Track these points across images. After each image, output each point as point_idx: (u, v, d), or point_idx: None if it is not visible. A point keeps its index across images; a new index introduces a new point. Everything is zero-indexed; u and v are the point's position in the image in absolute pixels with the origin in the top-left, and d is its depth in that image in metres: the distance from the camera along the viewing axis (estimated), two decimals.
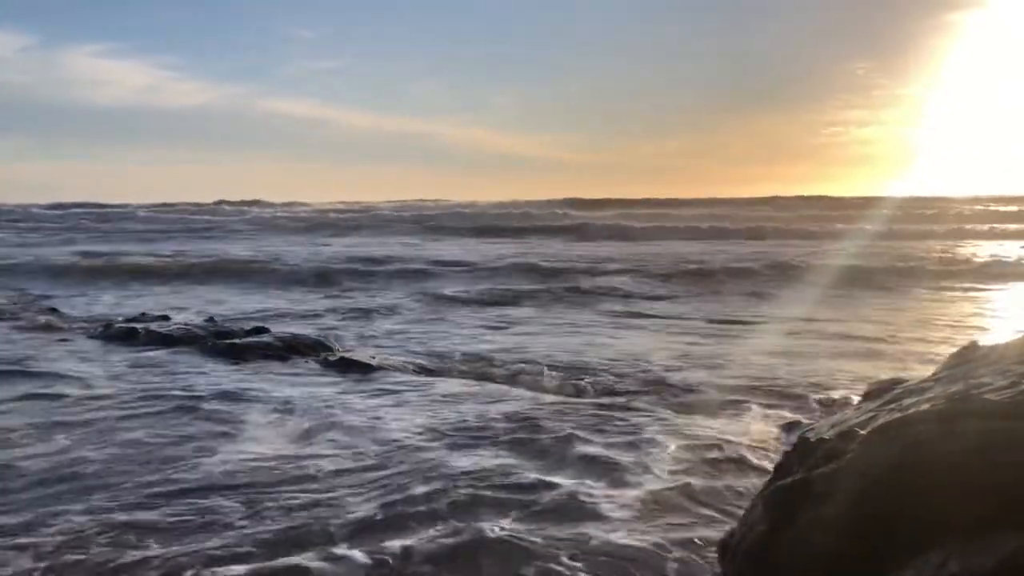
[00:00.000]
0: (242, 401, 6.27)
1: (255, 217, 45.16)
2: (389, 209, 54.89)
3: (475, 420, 5.70)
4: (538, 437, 5.23)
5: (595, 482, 4.46)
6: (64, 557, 3.58)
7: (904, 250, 20.93)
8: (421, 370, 7.66)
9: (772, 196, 54.35)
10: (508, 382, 7.12)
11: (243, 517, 4.00)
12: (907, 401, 2.79)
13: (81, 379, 7.03)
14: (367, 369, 7.51)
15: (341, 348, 8.50)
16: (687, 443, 5.09)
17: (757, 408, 6.10)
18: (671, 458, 4.84)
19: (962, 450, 2.30)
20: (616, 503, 4.15)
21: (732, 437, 5.24)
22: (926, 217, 34.57)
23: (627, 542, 3.69)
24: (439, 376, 7.44)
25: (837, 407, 5.74)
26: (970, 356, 3.05)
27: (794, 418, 5.71)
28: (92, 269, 18.02)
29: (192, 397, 6.37)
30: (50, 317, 10.89)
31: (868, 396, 3.25)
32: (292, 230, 35.93)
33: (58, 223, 40.28)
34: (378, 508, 4.10)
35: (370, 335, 9.78)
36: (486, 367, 7.78)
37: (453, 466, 4.69)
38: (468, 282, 15.69)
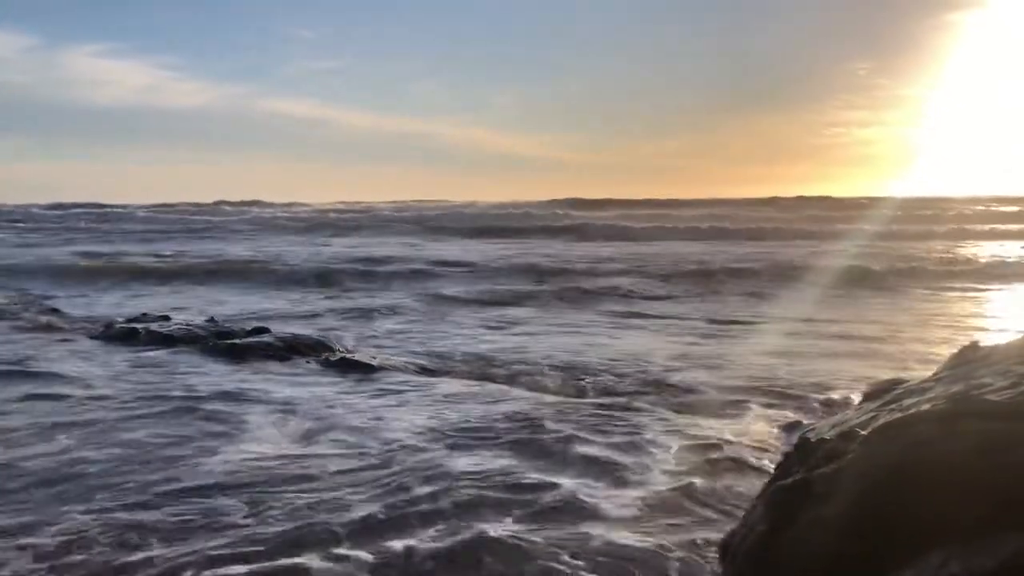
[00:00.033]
0: (243, 401, 6.28)
1: (255, 217, 45.16)
2: (389, 209, 54.94)
3: (476, 420, 5.71)
4: (539, 437, 5.24)
5: (596, 482, 4.46)
6: (66, 558, 3.59)
7: (905, 250, 20.92)
8: (422, 370, 7.67)
9: (773, 196, 54.37)
10: (509, 382, 7.12)
11: (245, 517, 4.01)
12: (908, 401, 2.80)
13: (82, 379, 7.03)
14: (368, 369, 7.51)
15: (342, 348, 8.50)
16: (688, 443, 5.10)
17: (758, 408, 6.10)
18: (672, 458, 4.85)
19: (963, 450, 2.31)
20: (617, 503, 4.16)
21: (733, 437, 5.24)
22: (927, 217, 34.53)
23: (628, 542, 3.70)
24: (440, 376, 7.44)
25: (838, 407, 5.74)
26: (971, 356, 3.05)
27: (795, 418, 5.72)
28: (93, 269, 18.04)
29: (193, 397, 6.38)
30: (51, 317, 10.89)
31: (869, 396, 3.25)
32: (292, 230, 35.92)
33: (58, 223, 40.29)
34: (380, 508, 4.11)
35: (371, 335, 9.78)
36: (487, 367, 7.79)
37: (454, 466, 4.70)
38: (468, 282, 15.69)
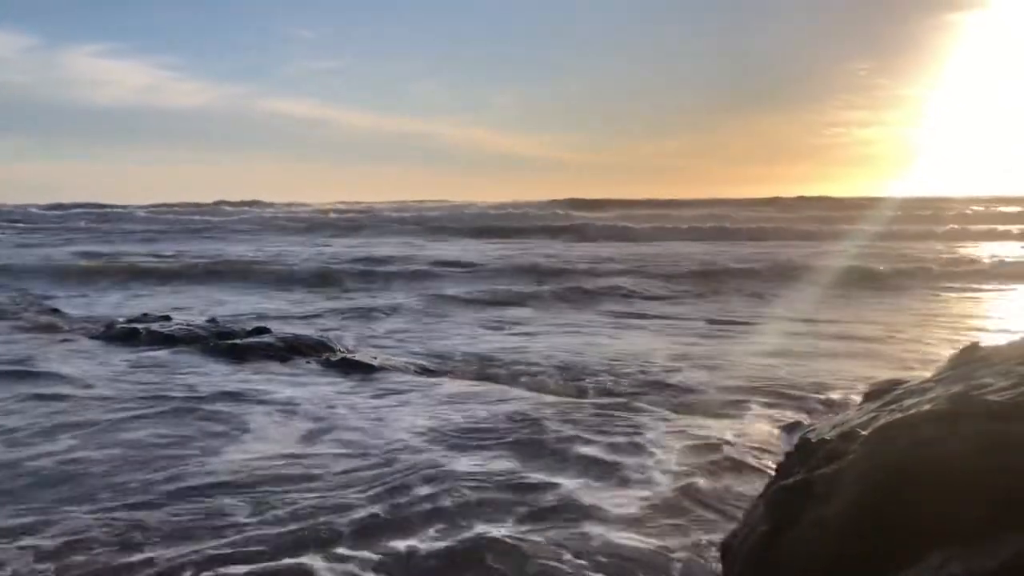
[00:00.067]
0: (244, 402, 6.29)
1: (255, 217, 45.16)
2: (389, 209, 54.94)
3: (477, 421, 5.71)
4: (540, 438, 5.24)
5: (597, 483, 4.47)
6: (68, 558, 3.60)
7: (905, 251, 20.92)
8: (423, 371, 7.67)
9: (773, 197, 54.30)
10: (509, 383, 7.13)
11: (247, 517, 4.02)
12: (908, 402, 2.80)
13: (83, 379, 7.04)
14: (369, 370, 7.51)
15: (342, 348, 8.50)
16: (688, 444, 5.10)
17: (758, 409, 6.11)
18: (672, 459, 4.85)
19: (963, 451, 2.31)
20: (618, 504, 4.16)
21: (733, 438, 5.24)
22: (927, 217, 34.51)
23: (629, 543, 3.70)
24: (441, 376, 7.45)
25: (838, 408, 5.74)
26: (971, 357, 3.05)
27: (795, 419, 5.72)
28: (93, 269, 18.04)
29: (194, 398, 6.38)
30: (51, 317, 10.90)
31: (869, 397, 3.25)
32: (292, 230, 35.92)
33: (58, 223, 40.33)
34: (382, 508, 4.12)
35: (371, 335, 9.79)
36: (487, 367, 7.79)
37: (456, 467, 4.70)
38: (469, 282, 15.70)
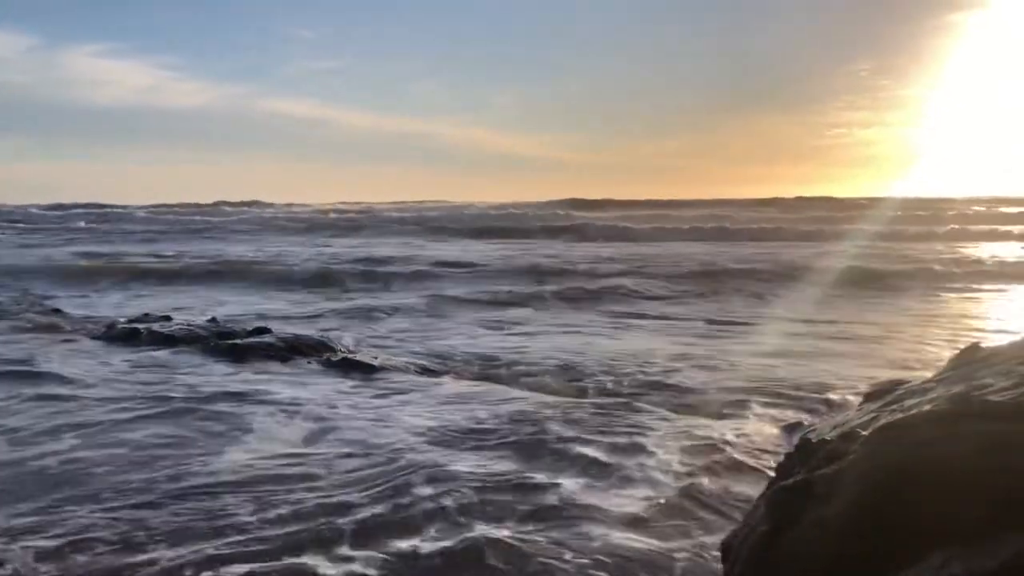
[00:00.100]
0: (246, 402, 6.29)
1: (255, 217, 45.22)
2: (389, 210, 55.00)
3: (478, 421, 5.71)
4: (541, 438, 5.24)
5: (598, 483, 4.47)
6: (70, 557, 3.60)
7: (906, 251, 20.91)
8: (423, 371, 7.68)
9: (774, 197, 54.34)
10: (510, 383, 7.13)
11: (250, 517, 4.03)
12: (909, 402, 2.80)
13: (84, 380, 7.04)
14: (370, 370, 7.51)
15: (343, 349, 8.50)
16: (689, 444, 5.10)
17: (759, 409, 6.11)
18: (673, 459, 4.85)
19: (964, 451, 2.31)
20: (619, 504, 4.17)
21: (734, 438, 5.25)
22: (927, 218, 34.49)
23: (631, 543, 3.71)
24: (441, 377, 7.45)
25: (839, 408, 5.75)
26: (972, 357, 3.04)
27: (796, 419, 5.72)
28: (93, 270, 18.06)
29: (196, 398, 6.38)
30: (53, 318, 10.90)
31: (870, 397, 3.25)
32: (292, 231, 35.95)
33: (58, 223, 40.39)
34: (384, 508, 4.12)
35: (372, 336, 9.79)
36: (488, 368, 7.79)
37: (457, 467, 4.70)
38: (469, 283, 15.70)
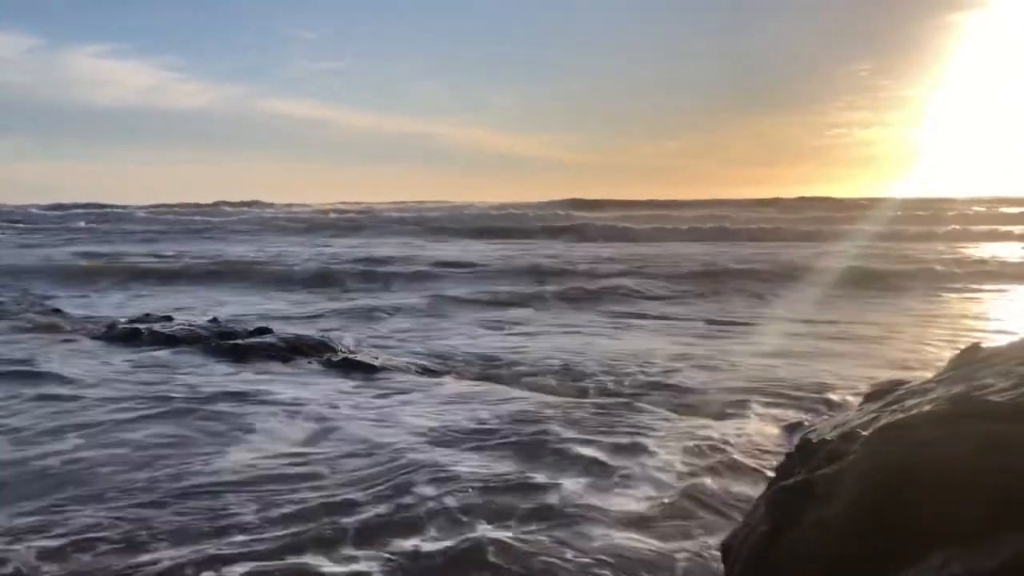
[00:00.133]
0: (247, 402, 6.29)
1: (255, 218, 45.23)
2: (389, 210, 55.02)
3: (479, 421, 5.72)
4: (542, 438, 5.24)
5: (599, 483, 4.48)
6: (74, 557, 3.61)
7: (906, 251, 20.91)
8: (424, 371, 7.68)
9: (774, 197, 54.39)
10: (511, 383, 7.13)
11: (252, 517, 4.03)
12: (909, 402, 2.80)
13: (86, 380, 7.04)
14: (371, 370, 7.52)
15: (344, 349, 8.50)
16: (689, 444, 5.11)
17: (759, 409, 6.11)
18: (673, 459, 4.86)
19: (964, 452, 2.31)
20: (620, 505, 4.17)
21: (734, 438, 5.25)
22: (928, 218, 34.49)
23: (632, 543, 3.71)
24: (442, 377, 7.46)
25: (839, 408, 5.75)
26: (973, 357, 3.05)
27: (796, 419, 5.72)
28: (93, 270, 18.07)
29: (197, 398, 6.39)
30: (53, 318, 10.91)
31: (870, 397, 3.25)
32: (293, 231, 35.96)
33: (58, 223, 40.41)
34: (386, 508, 4.13)
35: (373, 336, 9.79)
36: (488, 368, 7.80)
37: (459, 467, 4.71)
38: (470, 283, 15.71)
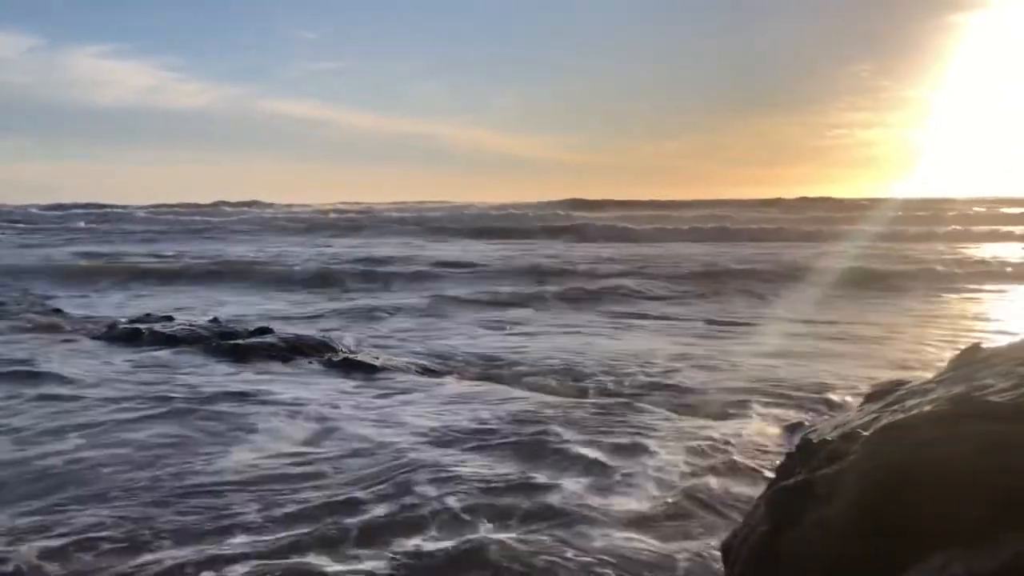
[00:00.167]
0: (248, 402, 6.29)
1: (255, 218, 45.24)
2: (389, 210, 55.05)
3: (480, 421, 5.72)
4: (543, 438, 5.24)
5: (599, 484, 4.48)
6: (76, 556, 3.61)
7: (907, 252, 20.91)
8: (425, 371, 7.68)
9: (775, 198, 54.37)
10: (511, 383, 7.13)
11: (255, 516, 4.04)
12: (910, 403, 2.80)
13: (87, 380, 7.04)
14: (371, 370, 7.52)
15: (344, 349, 8.50)
16: (690, 444, 5.11)
17: (760, 409, 6.11)
18: (674, 460, 4.86)
19: (964, 452, 2.31)
20: (621, 505, 4.17)
21: (735, 438, 5.25)
22: (929, 219, 34.46)
23: (633, 544, 3.71)
24: (443, 377, 7.46)
25: (839, 408, 5.75)
26: (973, 358, 3.04)
27: (797, 419, 5.73)
28: (93, 270, 18.07)
29: (198, 398, 6.38)
30: (54, 318, 10.91)
31: (871, 397, 3.25)
32: (293, 231, 35.96)
33: (58, 224, 40.42)
34: (388, 508, 4.13)
35: (373, 336, 9.79)
36: (489, 368, 7.80)
37: (460, 467, 4.71)
38: (470, 283, 15.71)
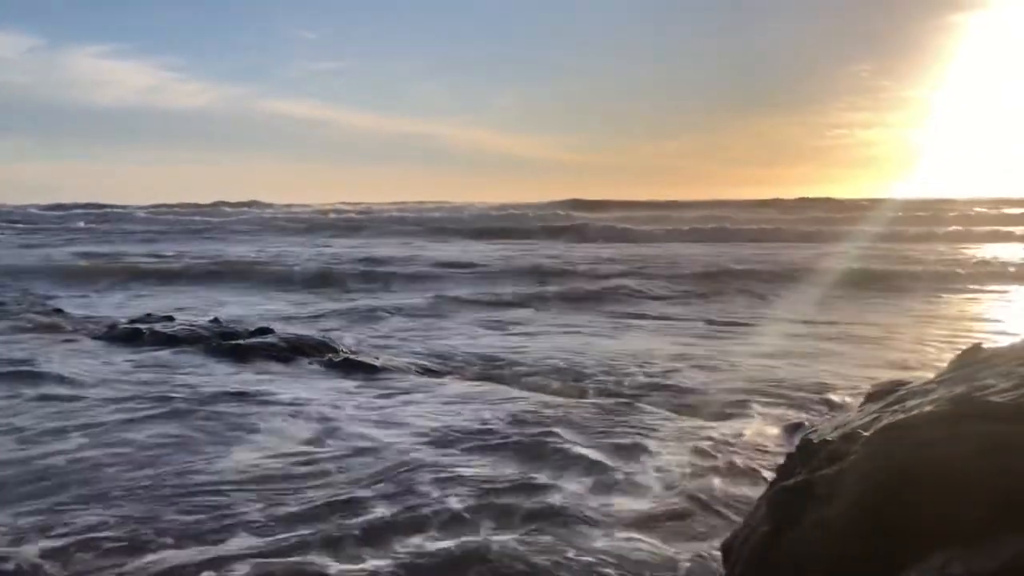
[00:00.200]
0: (249, 402, 6.29)
1: (255, 218, 45.24)
2: (389, 210, 55.05)
3: (480, 422, 5.72)
4: (544, 439, 5.24)
5: (600, 484, 4.48)
6: (78, 556, 3.62)
7: (907, 252, 20.91)
8: (425, 371, 7.68)
9: (775, 198, 54.32)
10: (512, 383, 7.14)
11: (257, 516, 4.04)
12: (910, 403, 2.80)
13: (88, 380, 7.04)
14: (372, 370, 7.52)
15: (345, 349, 8.50)
16: (690, 445, 5.11)
17: (760, 410, 6.11)
18: (674, 460, 4.86)
19: (965, 452, 2.31)
20: (621, 505, 4.17)
21: (735, 439, 5.25)
22: (929, 219, 34.43)
23: (634, 544, 3.72)
24: (443, 377, 7.46)
25: (840, 409, 5.75)
26: (974, 358, 3.05)
27: (797, 420, 5.72)
28: (94, 270, 18.06)
29: (199, 398, 6.38)
30: (54, 318, 10.90)
31: (871, 398, 3.25)
32: (293, 231, 35.97)
33: (58, 224, 40.43)
34: (389, 508, 4.13)
35: (373, 336, 9.80)
36: (489, 368, 7.80)
37: (461, 468, 4.72)
38: (470, 283, 15.72)
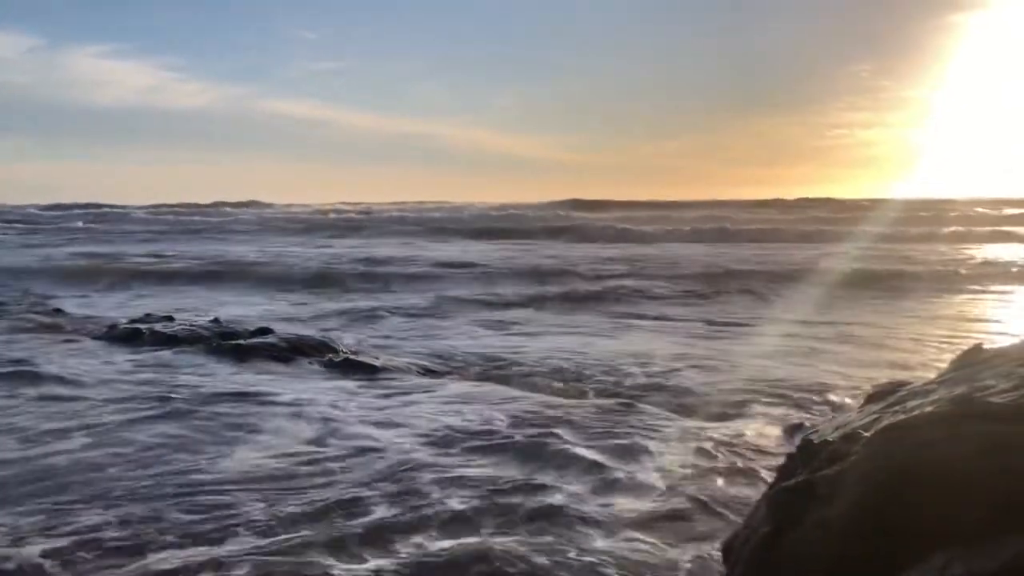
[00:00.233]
0: (249, 402, 6.29)
1: (255, 218, 45.25)
2: (389, 210, 55.06)
3: (481, 422, 5.72)
4: (544, 440, 5.24)
5: (600, 485, 4.48)
6: (79, 556, 3.62)
7: (907, 252, 20.91)
8: (426, 371, 7.68)
9: (775, 198, 54.35)
10: (511, 384, 7.13)
11: (259, 516, 4.04)
12: (911, 404, 2.80)
13: (88, 380, 7.04)
14: (372, 370, 7.52)
15: (345, 349, 8.50)
16: (690, 445, 5.11)
17: (760, 410, 6.11)
18: (674, 461, 4.86)
19: (965, 453, 2.32)
20: (621, 506, 4.18)
21: (735, 439, 5.26)
22: (930, 219, 34.41)
23: (634, 544, 3.72)
24: (443, 377, 7.46)
25: (840, 409, 5.75)
26: (974, 359, 3.05)
27: (797, 420, 5.72)
28: (94, 270, 18.06)
29: (199, 398, 6.38)
30: (54, 318, 10.91)
31: (872, 398, 3.26)
32: (292, 231, 35.96)
33: (58, 224, 40.43)
34: (391, 509, 4.14)
35: (373, 336, 9.80)
36: (489, 368, 7.80)
37: (462, 468, 4.72)
38: (470, 284, 15.72)
